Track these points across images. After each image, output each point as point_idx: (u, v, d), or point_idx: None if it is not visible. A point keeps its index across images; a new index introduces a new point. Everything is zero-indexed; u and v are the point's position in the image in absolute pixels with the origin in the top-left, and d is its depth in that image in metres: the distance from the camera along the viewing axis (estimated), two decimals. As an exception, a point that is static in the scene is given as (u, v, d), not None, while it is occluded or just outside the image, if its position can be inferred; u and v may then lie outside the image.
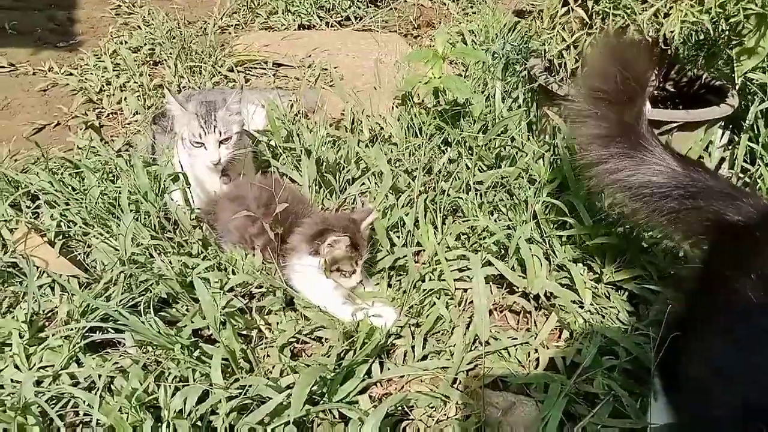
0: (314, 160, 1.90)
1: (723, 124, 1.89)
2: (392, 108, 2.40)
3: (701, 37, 1.70)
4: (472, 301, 1.52)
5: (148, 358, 1.34)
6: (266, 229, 1.58)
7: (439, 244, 1.64)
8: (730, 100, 1.83)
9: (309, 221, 1.57)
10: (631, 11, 1.47)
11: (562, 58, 1.70)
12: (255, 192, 1.69)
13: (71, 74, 2.88)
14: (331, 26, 3.65)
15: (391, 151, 2.06)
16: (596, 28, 1.59)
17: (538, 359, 1.44)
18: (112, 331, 1.38)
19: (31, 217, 1.81)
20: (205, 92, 1.90)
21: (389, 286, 1.64)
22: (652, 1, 1.44)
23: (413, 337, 1.46)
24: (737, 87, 1.84)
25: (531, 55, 1.94)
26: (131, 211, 1.73)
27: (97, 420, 1.18)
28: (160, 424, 1.19)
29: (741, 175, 1.92)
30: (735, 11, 1.40)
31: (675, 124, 1.75)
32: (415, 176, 1.85)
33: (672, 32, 1.45)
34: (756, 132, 1.93)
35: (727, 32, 1.52)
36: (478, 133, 2.04)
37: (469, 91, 1.95)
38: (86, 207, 1.75)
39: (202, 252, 1.67)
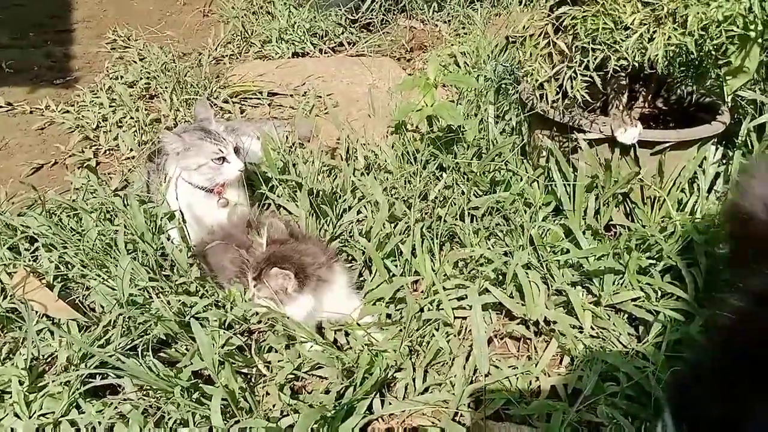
0: (309, 191, 1.90)
1: (716, 140, 1.90)
2: (387, 135, 2.41)
3: (688, 58, 1.71)
4: (471, 330, 1.52)
5: (148, 403, 1.34)
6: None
7: (436, 273, 1.65)
8: (722, 117, 1.83)
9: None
10: (613, 42, 1.48)
11: (543, 89, 1.72)
12: (238, 225, 1.74)
13: (68, 112, 2.90)
14: (325, 53, 3.67)
15: (387, 179, 2.07)
16: (576, 62, 1.60)
17: (539, 387, 1.44)
18: (113, 376, 1.38)
19: (29, 260, 1.81)
20: (192, 126, 1.94)
21: (389, 316, 1.64)
22: (635, 27, 1.45)
23: (414, 370, 1.46)
24: (728, 104, 1.84)
25: (523, 78, 1.95)
26: (128, 251, 1.74)
27: (98, 469, 1.18)
28: (161, 470, 1.19)
29: (737, 190, 1.92)
30: (717, 33, 1.41)
31: (668, 144, 1.75)
32: (411, 204, 1.86)
33: (656, 55, 1.46)
34: (749, 147, 1.94)
35: (713, 53, 1.53)
36: (472, 159, 2.05)
37: (461, 118, 1.96)
38: (84, 249, 1.75)
39: (199, 290, 1.67)
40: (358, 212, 1.98)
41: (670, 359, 1.42)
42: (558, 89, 1.71)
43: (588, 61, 1.57)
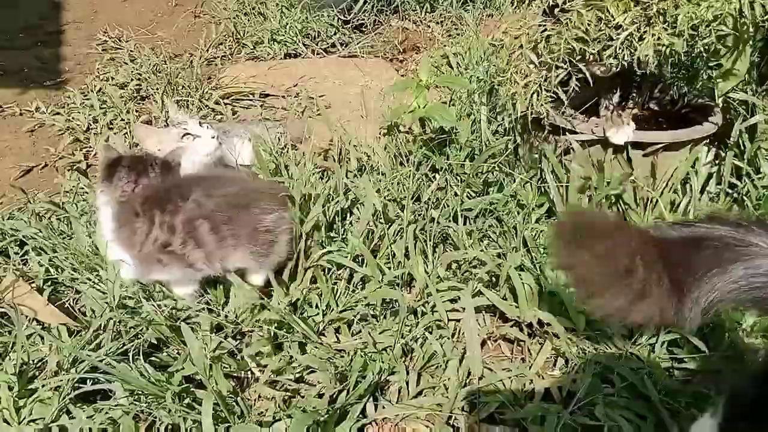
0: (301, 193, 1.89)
1: (708, 141, 1.90)
2: (379, 136, 2.41)
3: (678, 59, 1.71)
4: (465, 333, 1.51)
5: (139, 408, 1.33)
6: None
7: (429, 275, 1.64)
8: (714, 118, 1.84)
9: None
10: (579, 60, 1.50)
11: (515, 99, 1.73)
12: None
13: (58, 113, 2.87)
14: (317, 54, 3.66)
15: (380, 181, 2.06)
16: (542, 76, 1.61)
17: (533, 389, 1.44)
18: (103, 381, 1.37)
19: (19, 264, 1.80)
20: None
21: (384, 317, 1.63)
22: (625, 26, 1.45)
23: (407, 373, 1.45)
24: (720, 105, 1.84)
25: (498, 86, 1.96)
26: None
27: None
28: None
29: (729, 191, 1.92)
30: (707, 33, 1.41)
31: (660, 145, 1.75)
32: (404, 205, 1.85)
33: (646, 56, 1.46)
34: (741, 148, 1.94)
35: (704, 54, 1.54)
36: (464, 160, 2.04)
37: (454, 119, 1.96)
38: (73, 253, 1.73)
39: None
40: (351, 213, 1.97)
41: (664, 360, 1.43)
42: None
43: (551, 77, 1.59)
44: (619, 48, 1.46)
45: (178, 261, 1.52)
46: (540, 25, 1.59)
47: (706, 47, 1.47)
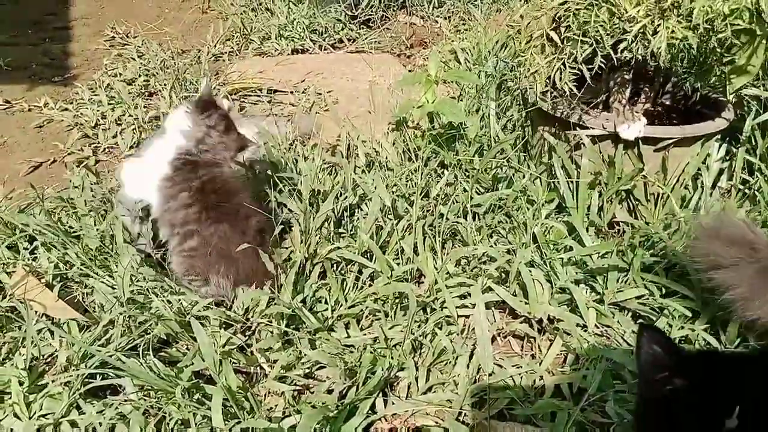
0: (309, 188, 1.89)
1: (720, 137, 1.89)
2: (388, 132, 2.40)
3: (692, 54, 1.69)
4: (475, 329, 1.50)
5: (149, 403, 1.33)
6: None
7: (439, 271, 1.63)
8: (726, 114, 1.82)
9: None
10: (601, 39, 1.47)
11: (534, 81, 1.70)
12: None
13: (66, 109, 2.88)
14: (325, 49, 3.66)
15: (388, 177, 2.05)
16: (566, 54, 1.58)
17: (543, 386, 1.43)
18: (113, 376, 1.37)
19: (28, 259, 1.80)
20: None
21: (393, 313, 1.62)
22: (639, 18, 1.44)
23: (417, 369, 1.45)
24: (732, 101, 1.83)
25: (516, 67, 1.94)
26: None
27: (99, 471, 1.17)
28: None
29: (741, 187, 1.91)
30: (723, 27, 1.40)
31: (671, 140, 1.74)
32: (413, 201, 1.84)
33: (659, 49, 1.44)
34: (753, 144, 1.92)
35: (718, 49, 1.52)
36: (473, 156, 2.03)
37: (463, 115, 1.95)
38: (83, 248, 1.74)
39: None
40: (359, 209, 1.96)
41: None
42: (546, 81, 1.70)
43: (577, 53, 1.55)
44: (632, 41, 1.44)
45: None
46: (562, 4, 1.56)
47: (721, 42, 1.45)
